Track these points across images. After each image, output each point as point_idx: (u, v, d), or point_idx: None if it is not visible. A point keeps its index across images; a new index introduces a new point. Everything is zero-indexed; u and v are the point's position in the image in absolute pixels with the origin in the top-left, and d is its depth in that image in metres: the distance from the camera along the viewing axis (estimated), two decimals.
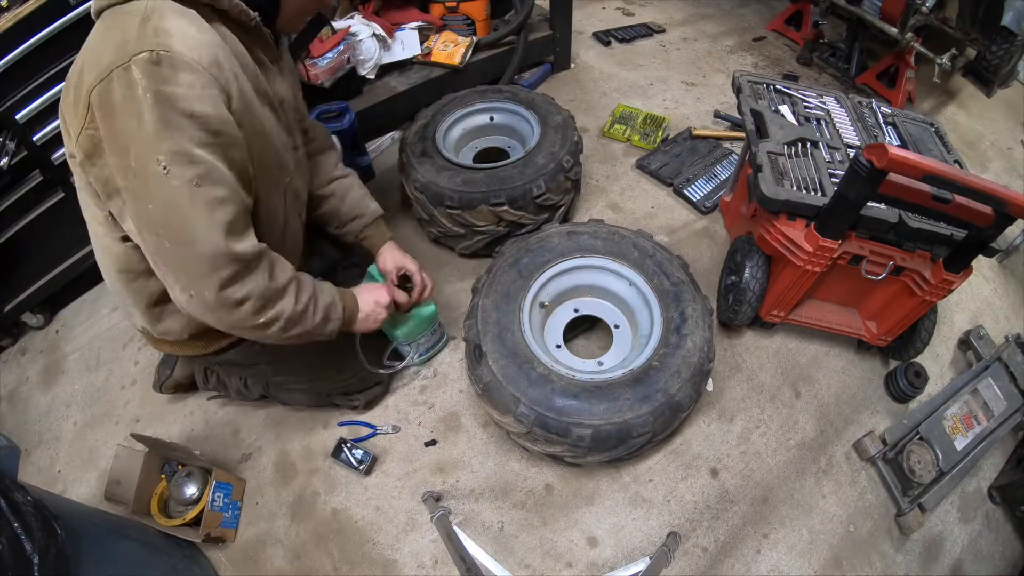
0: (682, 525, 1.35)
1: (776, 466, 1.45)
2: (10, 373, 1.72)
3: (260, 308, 0.91)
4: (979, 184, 1.05)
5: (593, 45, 2.81)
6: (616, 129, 2.27)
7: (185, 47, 0.76)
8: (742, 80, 1.64)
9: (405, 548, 1.31)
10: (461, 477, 1.41)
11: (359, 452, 1.40)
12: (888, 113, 1.65)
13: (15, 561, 0.73)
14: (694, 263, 1.82)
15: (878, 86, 2.56)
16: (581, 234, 1.45)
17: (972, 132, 2.53)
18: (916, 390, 1.54)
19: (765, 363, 1.64)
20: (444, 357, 1.62)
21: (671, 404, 1.18)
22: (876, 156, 1.05)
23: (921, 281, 1.33)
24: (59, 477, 1.48)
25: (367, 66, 1.96)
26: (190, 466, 1.38)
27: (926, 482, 1.38)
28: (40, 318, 1.79)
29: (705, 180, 2.07)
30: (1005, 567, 1.40)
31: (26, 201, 1.55)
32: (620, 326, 1.48)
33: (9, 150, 1.41)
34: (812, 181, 1.37)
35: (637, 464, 1.43)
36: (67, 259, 1.73)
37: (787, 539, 1.35)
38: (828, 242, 1.27)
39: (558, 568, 1.29)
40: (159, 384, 1.53)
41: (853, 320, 1.58)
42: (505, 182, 1.57)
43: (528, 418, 1.16)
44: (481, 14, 2.16)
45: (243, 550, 1.33)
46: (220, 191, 0.82)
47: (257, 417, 1.53)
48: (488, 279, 1.36)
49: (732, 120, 2.34)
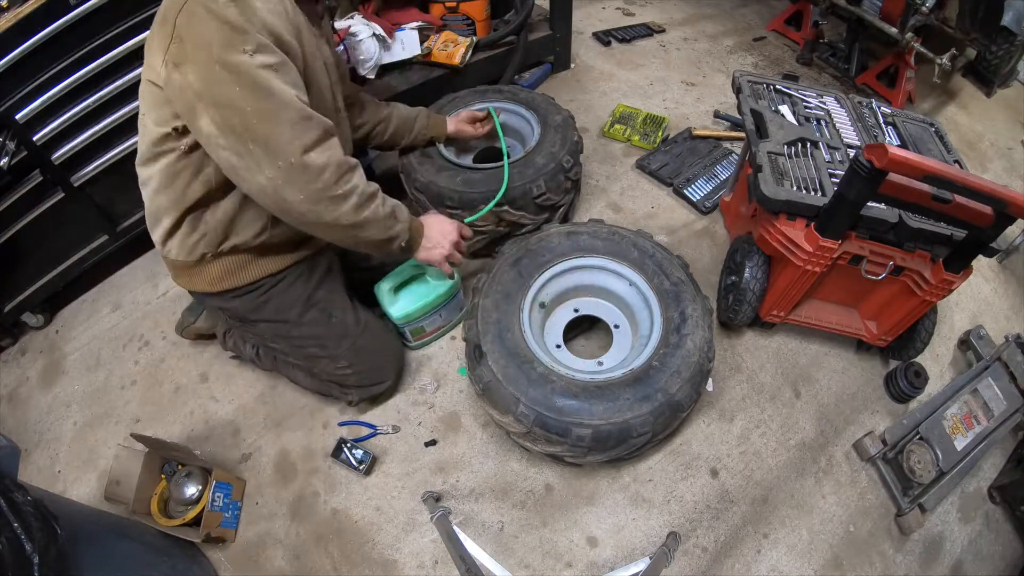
0: (682, 525, 1.35)
1: (776, 466, 1.45)
2: (10, 373, 1.72)
3: (339, 177, 0.99)
4: (979, 184, 1.05)
5: (593, 45, 2.81)
6: (616, 129, 2.27)
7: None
8: (742, 80, 1.64)
9: (405, 548, 1.31)
10: (461, 477, 1.41)
11: (359, 452, 1.40)
12: (888, 113, 1.65)
13: (15, 561, 0.73)
14: (694, 263, 1.82)
15: (878, 86, 2.56)
16: (581, 234, 1.45)
17: (972, 132, 2.53)
18: (916, 390, 1.55)
19: (765, 363, 1.64)
20: (444, 357, 1.62)
21: (671, 404, 1.18)
22: (876, 156, 1.05)
23: (921, 281, 1.33)
24: (59, 477, 1.48)
25: (367, 66, 1.95)
26: (190, 466, 1.38)
27: (926, 482, 1.38)
28: (40, 318, 1.79)
29: (705, 180, 2.07)
30: (1005, 567, 1.40)
31: (26, 201, 1.54)
32: (620, 326, 1.48)
33: (9, 150, 1.41)
34: (812, 181, 1.37)
35: (637, 464, 1.43)
36: (67, 259, 1.73)
37: (787, 539, 1.35)
38: (828, 242, 1.27)
39: (558, 568, 1.29)
40: (181, 328, 1.62)
41: (853, 320, 1.58)
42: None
43: (528, 418, 1.16)
44: (481, 14, 2.16)
45: (243, 550, 1.33)
46: (294, 78, 0.95)
47: (257, 417, 1.53)
48: (488, 279, 1.36)
49: (732, 120, 2.34)
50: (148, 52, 0.95)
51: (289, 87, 0.92)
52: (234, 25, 0.86)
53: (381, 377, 1.44)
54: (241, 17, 0.87)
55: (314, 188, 0.96)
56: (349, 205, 1.01)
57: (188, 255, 1.15)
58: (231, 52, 0.86)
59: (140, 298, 1.84)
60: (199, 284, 1.21)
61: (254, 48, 0.88)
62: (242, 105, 0.88)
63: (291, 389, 1.57)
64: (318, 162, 0.95)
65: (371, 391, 1.44)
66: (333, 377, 1.39)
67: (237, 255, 1.18)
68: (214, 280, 1.20)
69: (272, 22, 0.91)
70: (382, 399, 1.53)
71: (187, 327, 1.60)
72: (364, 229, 1.07)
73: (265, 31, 0.89)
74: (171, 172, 1.05)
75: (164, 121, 0.98)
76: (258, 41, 0.88)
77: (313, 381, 1.48)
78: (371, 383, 1.42)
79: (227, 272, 1.19)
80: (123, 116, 1.53)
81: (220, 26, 0.86)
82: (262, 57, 0.88)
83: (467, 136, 1.69)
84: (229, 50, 0.86)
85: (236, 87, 0.87)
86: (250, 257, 1.20)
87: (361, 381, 1.40)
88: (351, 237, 1.08)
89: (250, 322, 1.29)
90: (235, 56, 0.86)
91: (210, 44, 0.86)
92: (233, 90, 0.87)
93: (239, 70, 0.87)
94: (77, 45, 1.40)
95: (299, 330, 1.29)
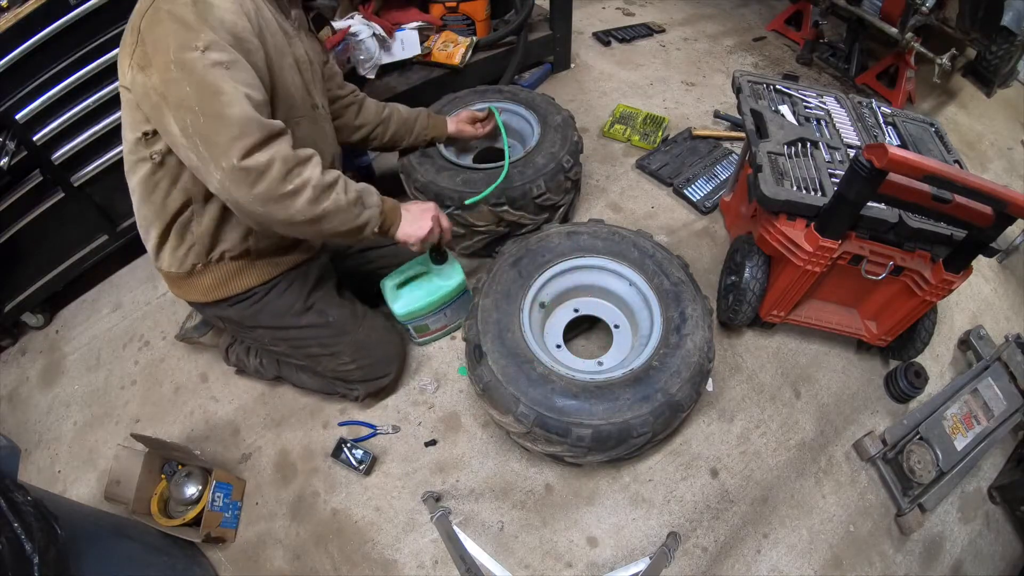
0: (682, 525, 1.35)
1: (776, 466, 1.45)
2: (10, 373, 1.72)
3: (286, 174, 0.95)
4: (979, 184, 1.04)
5: (593, 45, 2.81)
6: (616, 129, 2.27)
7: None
8: (742, 80, 1.64)
9: (405, 548, 1.31)
10: (461, 477, 1.41)
11: (359, 452, 1.40)
12: (888, 113, 1.65)
13: (15, 561, 0.73)
14: (694, 263, 1.82)
15: (878, 86, 2.56)
16: (581, 234, 1.45)
17: (972, 132, 2.53)
18: (916, 390, 1.55)
19: (765, 363, 1.64)
20: (444, 357, 1.62)
21: (671, 404, 1.18)
22: (876, 156, 1.05)
23: (921, 281, 1.33)
24: (59, 477, 1.48)
25: (367, 66, 1.95)
26: (190, 466, 1.38)
27: (926, 482, 1.38)
28: (40, 318, 1.79)
29: (705, 180, 2.07)
30: (1005, 567, 1.40)
31: (26, 201, 1.54)
32: (620, 326, 1.48)
33: (9, 150, 1.41)
34: (812, 181, 1.37)
35: (637, 464, 1.43)
36: (67, 259, 1.73)
37: (787, 539, 1.35)
38: (828, 242, 1.27)
39: (558, 568, 1.29)
40: (183, 338, 1.61)
41: (853, 320, 1.58)
42: (505, 182, 1.57)
43: (528, 418, 1.16)
44: (481, 14, 2.16)
45: (243, 550, 1.33)
46: (247, 77, 0.93)
47: (257, 417, 1.54)
48: (488, 279, 1.36)
49: (732, 120, 2.34)
50: (119, 57, 0.95)
51: (240, 85, 0.91)
52: (188, 23, 0.87)
53: (384, 370, 1.44)
54: (196, 15, 0.87)
55: (260, 189, 0.93)
56: (303, 200, 0.97)
57: (180, 266, 1.16)
58: (185, 50, 0.87)
59: (140, 298, 1.84)
60: (193, 294, 1.22)
61: (205, 45, 0.88)
62: (192, 105, 0.88)
63: (291, 389, 1.57)
64: (260, 162, 0.92)
65: (376, 384, 1.44)
66: (337, 374, 1.40)
67: (228, 264, 1.18)
68: (207, 290, 1.20)
69: (230, 20, 0.91)
70: (386, 393, 1.53)
71: (190, 338, 1.60)
72: (326, 222, 1.02)
73: (222, 28, 0.90)
74: (150, 183, 1.05)
75: (135, 125, 0.98)
76: (210, 38, 0.88)
77: (318, 381, 1.48)
78: (375, 376, 1.43)
79: (219, 282, 1.19)
80: None
81: (177, 26, 0.87)
82: (214, 55, 0.88)
83: (467, 136, 1.69)
84: (183, 49, 0.87)
85: (187, 87, 0.87)
86: (241, 266, 1.20)
87: (365, 375, 1.41)
88: (314, 231, 1.03)
89: (248, 328, 1.29)
90: (188, 54, 0.87)
91: (168, 45, 0.87)
92: (185, 90, 0.88)
93: (191, 68, 0.87)
94: (77, 45, 1.40)
95: (299, 332, 1.30)
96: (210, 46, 0.88)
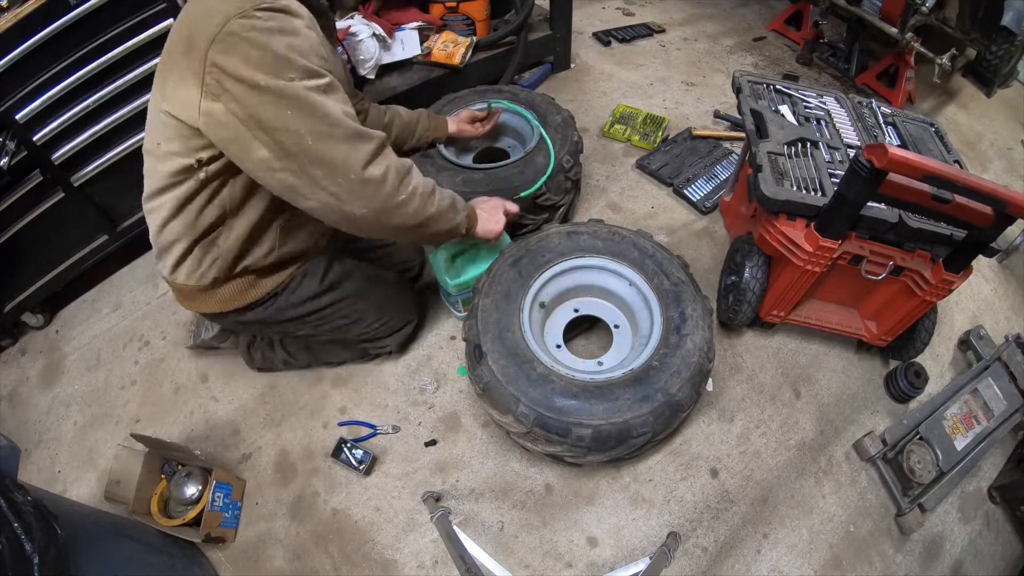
0: (682, 525, 1.35)
1: (776, 466, 1.45)
2: (10, 373, 1.72)
3: (400, 181, 1.01)
4: (979, 184, 1.04)
5: (593, 45, 2.81)
6: (616, 129, 2.27)
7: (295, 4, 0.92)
8: (742, 80, 1.64)
9: (405, 548, 1.31)
10: (461, 477, 1.41)
11: (359, 452, 1.40)
12: (888, 113, 1.65)
13: (15, 561, 0.73)
14: (694, 263, 1.82)
15: (878, 86, 2.56)
16: (581, 234, 1.45)
17: (972, 132, 2.53)
18: (916, 390, 1.55)
19: (765, 363, 1.64)
20: (444, 357, 1.62)
21: (671, 404, 1.18)
22: (876, 156, 1.05)
23: (921, 281, 1.33)
24: (59, 477, 1.48)
25: (367, 66, 1.95)
26: (190, 466, 1.38)
27: (926, 482, 1.38)
28: (40, 318, 1.79)
29: (705, 180, 2.07)
30: (1005, 567, 1.40)
31: (26, 201, 1.54)
32: (620, 326, 1.48)
33: (9, 150, 1.41)
34: (812, 181, 1.37)
35: (637, 464, 1.43)
36: (67, 259, 1.73)
37: (787, 539, 1.35)
38: (828, 242, 1.27)
39: (558, 568, 1.29)
40: (196, 346, 1.60)
41: (853, 320, 1.58)
42: (505, 182, 1.57)
43: (528, 418, 1.16)
44: (481, 14, 2.16)
45: (243, 550, 1.33)
46: (340, 94, 0.96)
47: (257, 417, 1.54)
48: (488, 279, 1.36)
49: (732, 120, 2.34)
50: (168, 83, 0.93)
51: (339, 103, 0.94)
52: (273, 49, 0.86)
53: (407, 317, 1.52)
54: (281, 40, 0.87)
55: (378, 199, 0.98)
56: (412, 207, 1.04)
57: (199, 280, 1.15)
58: (279, 79, 0.87)
59: (140, 298, 1.84)
60: (209, 306, 1.22)
61: (303, 74, 0.89)
62: (297, 127, 0.89)
63: (291, 389, 1.57)
64: (377, 174, 0.97)
65: (403, 334, 1.53)
66: (365, 336, 1.45)
67: (246, 276, 1.20)
68: (225, 301, 1.21)
69: (314, 41, 0.93)
70: (415, 341, 1.62)
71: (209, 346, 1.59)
72: (430, 225, 1.10)
73: (313, 54, 0.91)
74: (185, 198, 1.04)
75: (189, 152, 0.97)
76: (306, 67, 0.89)
77: (350, 351, 1.55)
78: (400, 327, 1.50)
79: (237, 293, 1.21)
80: (123, 116, 1.53)
81: (261, 53, 0.85)
82: (312, 81, 0.90)
83: (468, 136, 1.69)
84: (277, 78, 0.87)
85: (288, 110, 0.88)
86: (258, 276, 1.21)
87: (392, 328, 1.48)
88: (420, 235, 1.11)
89: (271, 324, 1.32)
90: (284, 83, 0.87)
91: (255, 73, 0.85)
92: (285, 113, 0.88)
93: (290, 94, 0.88)
94: (77, 45, 1.39)
95: (320, 313, 1.33)
96: (308, 74, 0.90)
